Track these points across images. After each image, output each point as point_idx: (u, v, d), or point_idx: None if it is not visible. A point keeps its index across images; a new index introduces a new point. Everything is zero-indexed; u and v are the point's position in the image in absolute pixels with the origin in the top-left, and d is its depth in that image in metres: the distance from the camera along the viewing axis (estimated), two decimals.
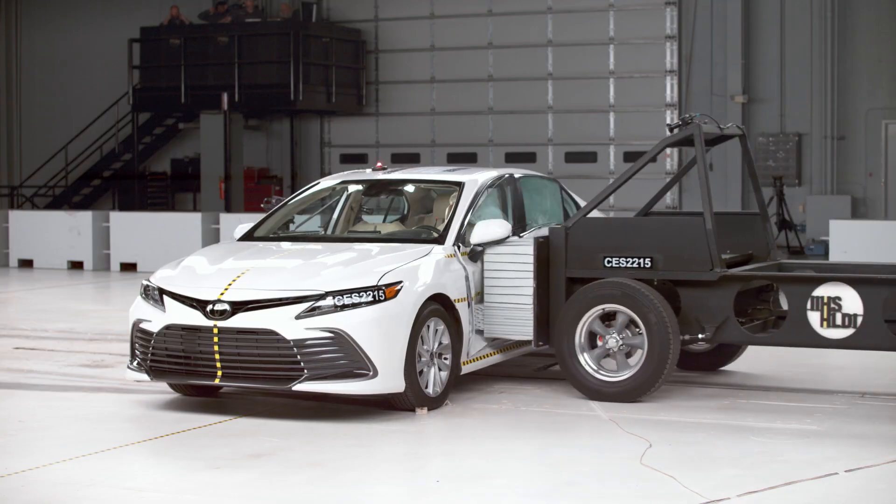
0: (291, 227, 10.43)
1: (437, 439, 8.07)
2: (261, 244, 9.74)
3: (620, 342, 9.07)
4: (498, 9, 25.37)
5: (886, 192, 23.33)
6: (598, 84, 24.74)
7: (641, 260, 9.15)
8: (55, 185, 28.07)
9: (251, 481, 6.97)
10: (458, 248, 9.26)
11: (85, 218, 21.67)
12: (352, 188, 10.52)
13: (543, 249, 9.31)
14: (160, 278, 9.03)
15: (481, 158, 25.51)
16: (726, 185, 24.08)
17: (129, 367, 9.01)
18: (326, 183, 10.63)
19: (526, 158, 25.05)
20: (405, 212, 10.44)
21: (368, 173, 10.56)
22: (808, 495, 6.60)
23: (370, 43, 26.48)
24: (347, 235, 9.99)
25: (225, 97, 24.56)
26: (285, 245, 9.67)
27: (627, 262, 9.19)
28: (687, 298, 9.17)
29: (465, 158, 25.46)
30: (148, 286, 9.02)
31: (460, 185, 9.76)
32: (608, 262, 9.22)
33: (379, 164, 10.74)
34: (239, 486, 6.87)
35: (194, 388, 9.23)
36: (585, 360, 9.16)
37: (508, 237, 9.48)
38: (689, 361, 10.41)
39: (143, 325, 8.83)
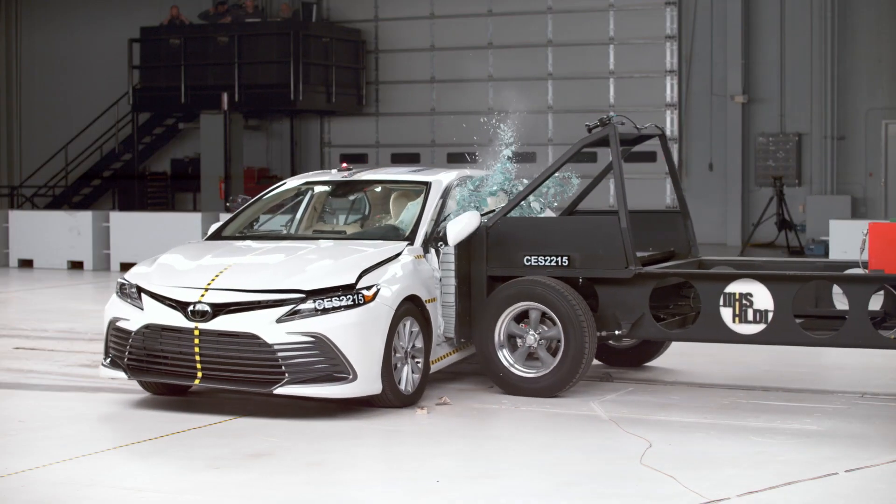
0: (259, 227, 10.47)
1: (437, 439, 8.07)
2: (235, 242, 9.79)
3: (539, 338, 9.23)
4: (498, 9, 25.37)
5: (886, 192, 23.33)
6: (598, 84, 24.74)
7: (559, 258, 9.33)
8: (55, 185, 28.07)
9: (251, 481, 6.97)
10: (427, 247, 9.39)
11: (85, 218, 21.68)
12: (317, 189, 10.61)
13: (465, 249, 9.46)
14: (137, 276, 9.04)
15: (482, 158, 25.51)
16: (726, 186, 24.08)
17: (102, 365, 9.04)
18: (292, 183, 10.71)
19: (526, 158, 25.04)
20: (370, 212, 10.53)
21: (334, 174, 10.64)
22: (808, 495, 6.60)
23: (370, 43, 26.49)
24: (317, 235, 10.05)
25: (225, 97, 24.56)
26: (259, 243, 9.69)
27: (546, 261, 9.37)
28: (604, 296, 9.34)
29: (465, 159, 25.45)
30: (124, 284, 9.03)
31: (427, 184, 9.90)
32: (527, 260, 9.39)
33: (343, 164, 10.85)
34: (239, 486, 6.87)
35: (167, 388, 9.25)
36: (505, 356, 9.32)
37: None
38: (614, 358, 10.65)
39: (121, 324, 8.85)
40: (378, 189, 10.48)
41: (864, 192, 23.51)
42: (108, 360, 8.98)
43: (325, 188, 10.60)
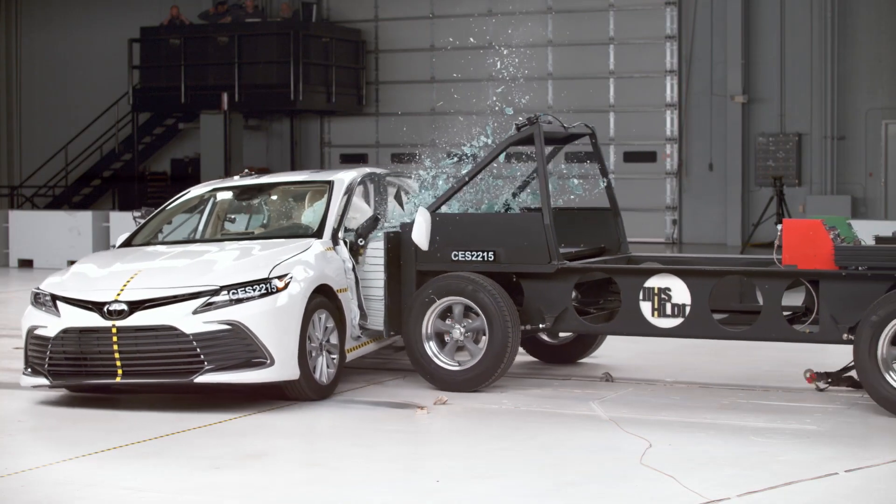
0: (167, 235, 10.66)
1: (437, 439, 8.07)
2: (146, 248, 10.03)
3: (464, 331, 9.44)
4: (498, 9, 25.37)
5: (886, 192, 23.33)
6: (598, 84, 24.74)
7: (485, 254, 9.53)
8: (55, 185, 28.08)
9: (251, 481, 6.97)
10: (336, 241, 9.66)
11: (85, 218, 21.69)
12: (222, 195, 10.82)
13: (395, 243, 9.69)
14: (51, 285, 9.26)
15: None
16: (726, 186, 24.09)
17: (24, 374, 9.20)
18: (198, 191, 10.93)
19: (526, 158, 25.05)
20: (276, 213, 10.76)
21: (237, 179, 10.95)
22: (808, 495, 6.59)
23: (370, 43, 26.49)
24: (225, 238, 10.33)
25: (225, 97, 24.57)
26: (169, 248, 9.95)
27: (473, 256, 9.57)
28: (529, 290, 9.53)
29: (466, 158, 25.45)
30: (39, 294, 9.24)
31: (330, 183, 10.18)
32: (455, 255, 9.59)
33: (247, 169, 11.34)
34: (239, 486, 6.87)
35: (91, 388, 9.37)
36: (431, 350, 9.51)
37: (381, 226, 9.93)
38: (549, 353, 10.86)
39: (39, 332, 9.03)
40: (282, 191, 10.81)
41: (864, 192, 23.51)
42: (29, 369, 9.15)
43: (230, 194, 10.85)
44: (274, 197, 10.82)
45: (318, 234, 9.67)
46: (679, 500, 6.50)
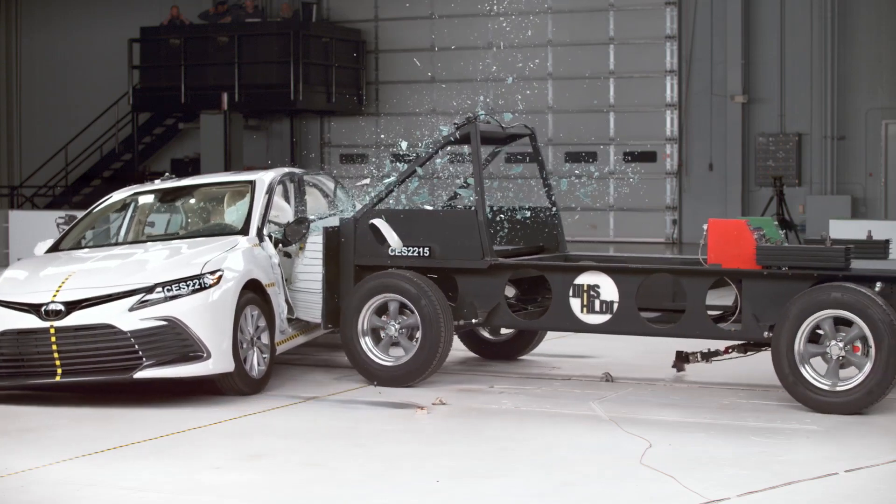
0: (90, 240, 10.81)
1: (437, 439, 8.07)
2: (75, 252, 10.21)
3: (399, 328, 9.67)
4: (498, 9, 25.35)
5: (886, 192, 23.32)
6: (598, 84, 24.73)
7: (421, 249, 9.78)
8: (55, 185, 28.06)
9: (251, 481, 6.97)
10: (261, 238, 9.92)
11: None
12: (145, 198, 11.00)
13: (334, 239, 9.95)
14: None
15: None
16: (726, 186, 24.08)
17: None
18: (120, 195, 11.11)
19: (526, 158, 25.04)
20: (199, 214, 10.95)
21: (157, 184, 11.17)
22: (808, 495, 6.60)
23: (370, 43, 26.48)
24: (151, 239, 10.52)
25: (225, 97, 24.55)
26: (98, 251, 10.15)
27: (409, 252, 9.81)
28: (463, 286, 9.79)
29: (465, 158, 25.43)
30: None
31: (252, 182, 10.45)
32: (392, 251, 9.83)
33: (166, 173, 11.75)
34: (239, 486, 6.87)
35: (32, 389, 9.44)
36: (367, 345, 9.77)
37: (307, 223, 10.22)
38: (490, 350, 11.10)
39: None
40: (203, 192, 11.03)
41: (864, 192, 23.50)
42: None
43: (152, 197, 11.03)
44: (196, 198, 11.05)
45: (244, 231, 9.95)
46: (679, 500, 6.50)
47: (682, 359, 9.80)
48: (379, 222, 9.83)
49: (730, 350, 9.56)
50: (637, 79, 24.57)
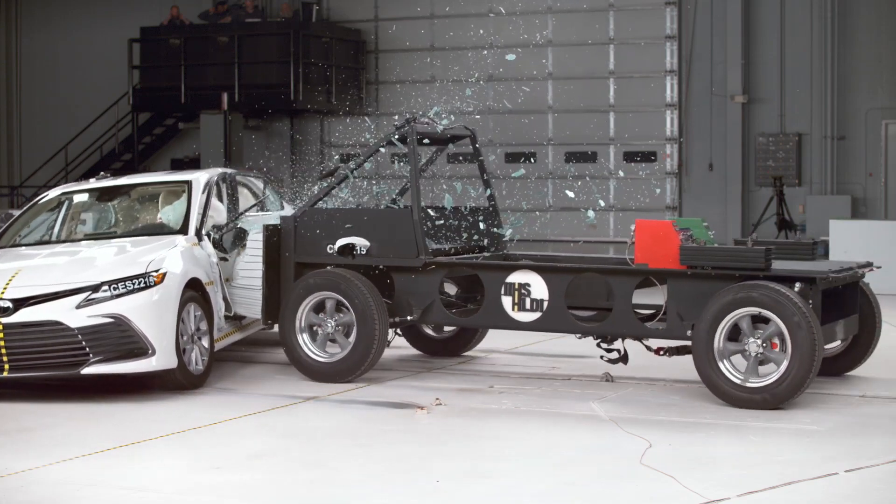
0: (24, 237, 10.86)
1: (437, 439, 8.07)
2: (16, 250, 10.33)
3: (335, 325, 9.89)
4: (498, 9, 25.36)
5: (886, 192, 23.31)
6: (598, 84, 24.72)
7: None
8: (55, 185, 28.04)
9: (251, 481, 6.97)
10: (200, 237, 10.22)
11: None
12: (80, 197, 11.12)
13: (274, 236, 10.18)
14: None
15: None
16: (726, 186, 24.08)
17: None
18: (55, 193, 11.24)
19: (526, 158, 25.04)
20: (137, 213, 11.06)
21: (93, 182, 11.32)
22: (808, 495, 6.59)
23: (370, 43, 26.48)
24: (91, 237, 10.64)
25: (225, 97, 24.54)
26: (40, 249, 10.28)
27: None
28: (399, 283, 10.05)
29: (465, 158, 25.44)
30: None
31: (188, 182, 10.74)
32: (331, 249, 10.09)
33: (102, 172, 11.92)
34: (239, 486, 6.87)
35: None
36: (304, 341, 9.99)
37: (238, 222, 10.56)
38: (432, 347, 11.31)
39: None
40: (139, 191, 11.16)
41: (864, 192, 23.49)
42: None
43: (87, 195, 11.15)
44: (132, 198, 11.16)
45: (184, 230, 10.24)
46: (679, 500, 6.50)
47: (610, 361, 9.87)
48: (346, 241, 10.00)
49: (660, 351, 9.70)
50: (637, 79, 24.56)
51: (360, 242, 9.99)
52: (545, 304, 9.51)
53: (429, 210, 10.46)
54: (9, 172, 29.89)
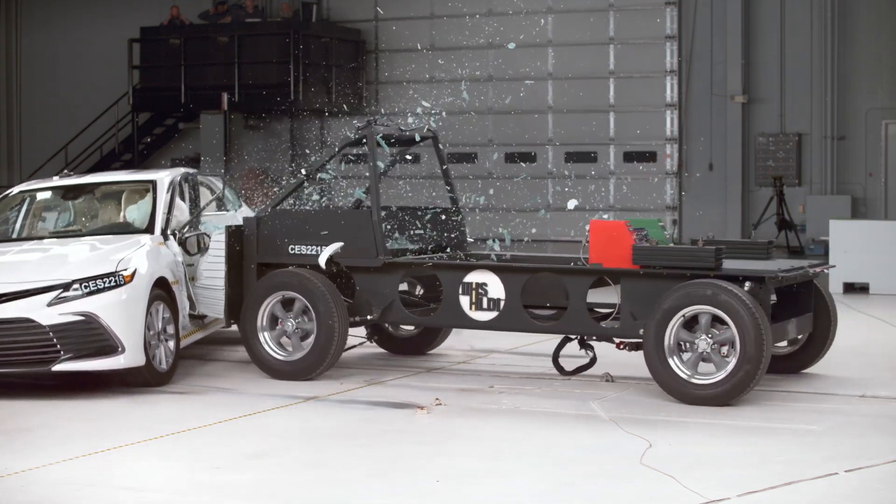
0: None
1: (437, 439, 8.07)
2: None
3: (295, 326, 10.05)
4: (498, 9, 25.36)
5: (886, 192, 23.32)
6: (598, 84, 24.72)
7: (318, 248, 10.14)
8: None
9: (251, 481, 6.97)
10: (165, 236, 10.34)
11: None
12: (43, 195, 11.20)
13: (237, 237, 10.33)
14: None
15: (482, 158, 25.51)
16: (726, 186, 24.08)
17: None
18: (18, 190, 11.28)
19: (526, 158, 25.05)
20: (102, 211, 11.14)
21: (56, 180, 11.40)
22: (808, 495, 6.60)
23: (370, 43, 26.48)
24: (58, 235, 10.70)
25: (225, 97, 24.55)
26: (7, 246, 10.33)
27: (308, 250, 10.20)
28: (360, 283, 10.19)
29: (466, 158, 25.45)
30: None
31: (153, 182, 10.84)
32: (292, 249, 10.25)
33: (65, 170, 11.85)
34: (239, 486, 6.87)
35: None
36: (265, 339, 10.13)
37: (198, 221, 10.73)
38: (398, 346, 11.43)
39: None
40: (103, 190, 11.23)
41: (864, 192, 23.50)
42: None
43: (50, 193, 11.22)
44: (95, 196, 11.22)
45: (150, 230, 10.35)
46: (679, 500, 6.50)
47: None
48: (327, 254, 10.10)
49: (620, 345, 9.79)
50: (637, 79, 24.57)
51: (334, 248, 10.09)
52: (502, 303, 9.66)
53: (394, 210, 10.63)
54: (9, 172, 29.89)
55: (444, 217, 11.17)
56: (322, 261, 10.07)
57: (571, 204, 11.83)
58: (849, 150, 23.58)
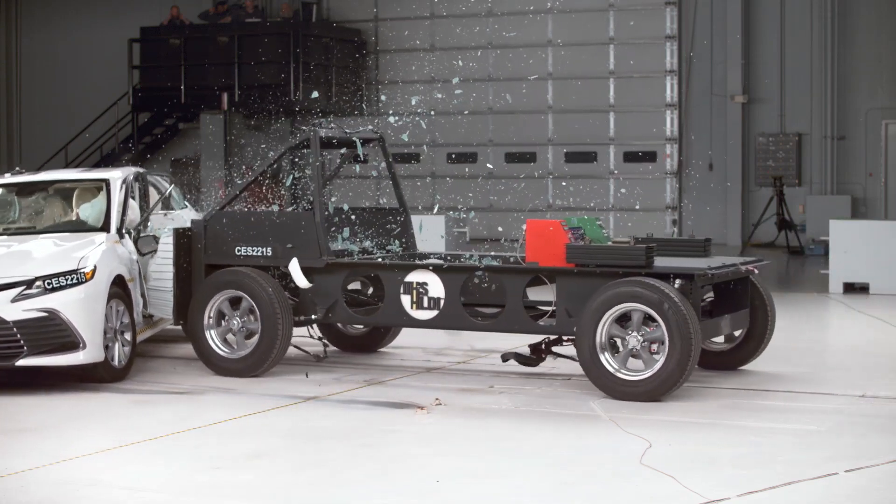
0: None
1: (437, 439, 8.07)
2: None
3: (241, 325, 10.23)
4: (498, 9, 25.37)
5: (886, 192, 23.34)
6: (598, 84, 24.74)
7: (264, 249, 10.35)
8: None
9: (251, 481, 6.97)
10: (121, 234, 10.48)
11: None
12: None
13: (185, 238, 10.50)
14: None
15: (481, 158, 25.51)
16: (726, 186, 24.10)
17: None
18: None
19: (526, 158, 25.06)
20: (56, 209, 11.17)
21: (8, 177, 11.46)
22: (808, 495, 6.59)
23: (370, 43, 26.49)
24: (10, 232, 10.75)
25: (225, 97, 24.57)
26: None
27: (254, 251, 10.39)
28: None
29: (466, 158, 25.46)
30: None
31: (106, 181, 10.94)
32: (239, 251, 10.41)
33: (17, 168, 12.05)
34: (239, 486, 6.87)
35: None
36: (211, 337, 10.29)
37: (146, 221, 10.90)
38: (348, 343, 11.61)
39: None
40: (56, 188, 11.27)
41: (864, 192, 23.51)
42: None
43: (2, 190, 11.25)
44: (47, 194, 11.26)
45: (105, 228, 10.49)
46: (679, 500, 6.50)
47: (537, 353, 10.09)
48: (292, 266, 10.22)
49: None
50: (637, 79, 24.58)
51: (303, 283, 10.23)
52: (442, 302, 9.78)
53: (342, 209, 10.76)
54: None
55: (390, 217, 11.32)
56: (303, 283, 10.19)
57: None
58: (849, 150, 23.59)
